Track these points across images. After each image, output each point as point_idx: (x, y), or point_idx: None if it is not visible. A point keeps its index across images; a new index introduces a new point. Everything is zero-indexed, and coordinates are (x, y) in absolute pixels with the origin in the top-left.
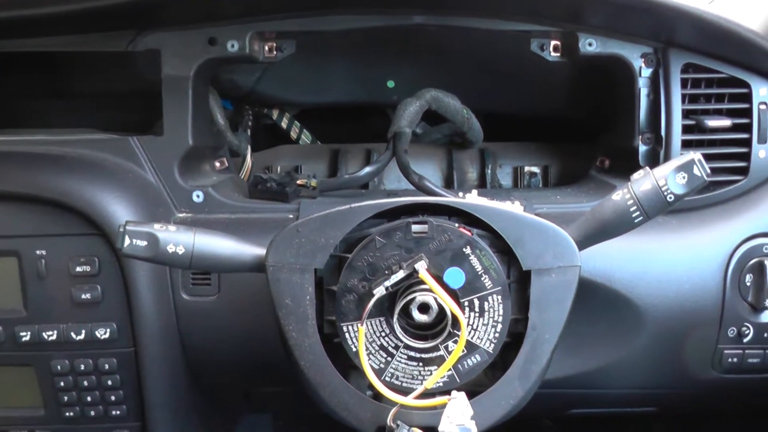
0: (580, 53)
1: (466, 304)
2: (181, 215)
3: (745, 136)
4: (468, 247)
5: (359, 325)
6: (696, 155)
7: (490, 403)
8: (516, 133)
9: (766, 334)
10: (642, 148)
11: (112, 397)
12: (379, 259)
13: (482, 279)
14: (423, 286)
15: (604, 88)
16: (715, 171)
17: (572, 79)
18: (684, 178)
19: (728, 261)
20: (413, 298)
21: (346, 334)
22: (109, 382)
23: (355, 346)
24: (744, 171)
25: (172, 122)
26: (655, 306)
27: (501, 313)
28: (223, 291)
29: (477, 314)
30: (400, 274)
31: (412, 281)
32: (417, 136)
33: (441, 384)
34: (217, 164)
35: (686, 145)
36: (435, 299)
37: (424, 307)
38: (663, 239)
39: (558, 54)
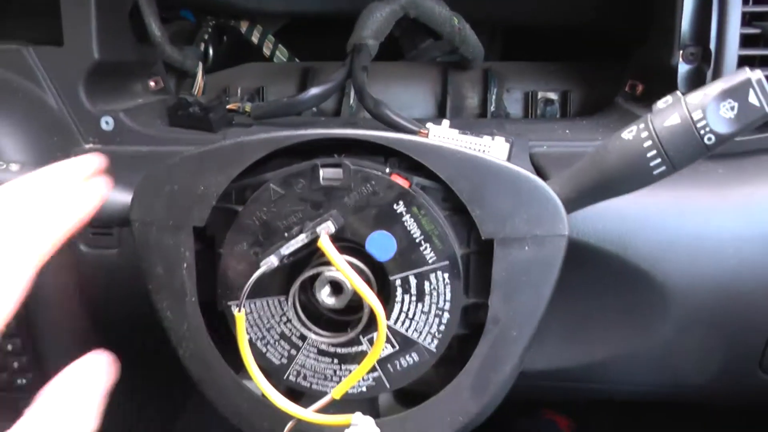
0: None
1: (399, 282)
2: (88, 146)
3: None
4: (401, 202)
5: (239, 309)
6: (755, 73)
7: (426, 421)
8: (540, 52)
9: None
10: (682, 68)
11: (15, 364)
12: (276, 217)
13: (421, 249)
14: None
15: None
16: None
17: None
18: (733, 108)
19: None
20: (318, 274)
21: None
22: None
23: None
24: None
25: (73, 28)
26: (687, 286)
27: (448, 297)
28: (125, 245)
29: (414, 298)
30: (301, 239)
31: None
32: (415, 51)
33: (364, 389)
34: (152, 84)
35: (745, 62)
36: None
37: (337, 286)
38: (703, 195)
39: None
